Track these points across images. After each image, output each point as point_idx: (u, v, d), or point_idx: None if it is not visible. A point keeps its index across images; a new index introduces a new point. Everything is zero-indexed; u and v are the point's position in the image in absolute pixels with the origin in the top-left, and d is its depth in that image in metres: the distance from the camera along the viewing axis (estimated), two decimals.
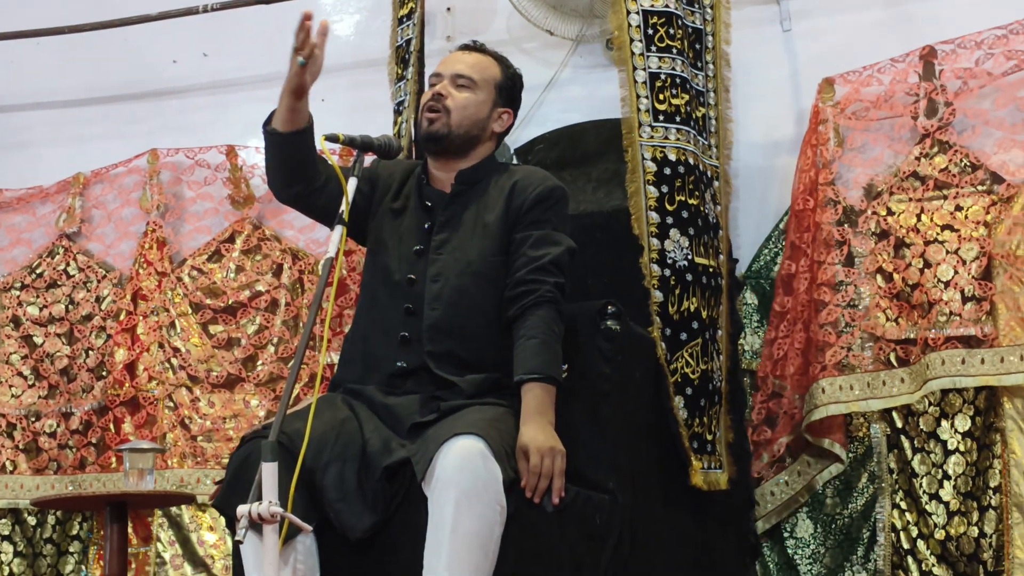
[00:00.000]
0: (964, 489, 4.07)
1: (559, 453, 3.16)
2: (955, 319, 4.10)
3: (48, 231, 5.44)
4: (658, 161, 3.83)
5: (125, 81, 5.59)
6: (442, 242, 3.49)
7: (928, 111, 4.32)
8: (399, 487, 3.18)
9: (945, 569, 4.07)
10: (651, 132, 3.87)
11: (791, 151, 4.58)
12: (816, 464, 4.28)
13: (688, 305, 3.80)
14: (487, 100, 3.59)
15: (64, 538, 5.18)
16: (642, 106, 3.88)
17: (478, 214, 3.50)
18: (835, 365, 4.23)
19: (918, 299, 4.17)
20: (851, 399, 4.20)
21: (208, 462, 5.01)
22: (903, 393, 4.17)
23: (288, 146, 3.49)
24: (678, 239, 3.81)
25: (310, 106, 3.45)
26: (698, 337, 3.80)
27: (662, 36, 3.91)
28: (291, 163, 3.53)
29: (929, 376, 4.08)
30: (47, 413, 5.22)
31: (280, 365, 5.05)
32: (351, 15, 5.44)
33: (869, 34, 4.59)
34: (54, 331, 5.30)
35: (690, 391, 3.76)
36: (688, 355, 3.78)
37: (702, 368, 3.81)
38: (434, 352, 3.39)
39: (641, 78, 3.89)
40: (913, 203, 4.27)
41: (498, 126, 3.62)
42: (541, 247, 3.42)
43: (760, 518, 4.30)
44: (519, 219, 3.47)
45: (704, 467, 3.79)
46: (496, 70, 3.64)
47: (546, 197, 3.50)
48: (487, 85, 3.60)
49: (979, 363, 4.06)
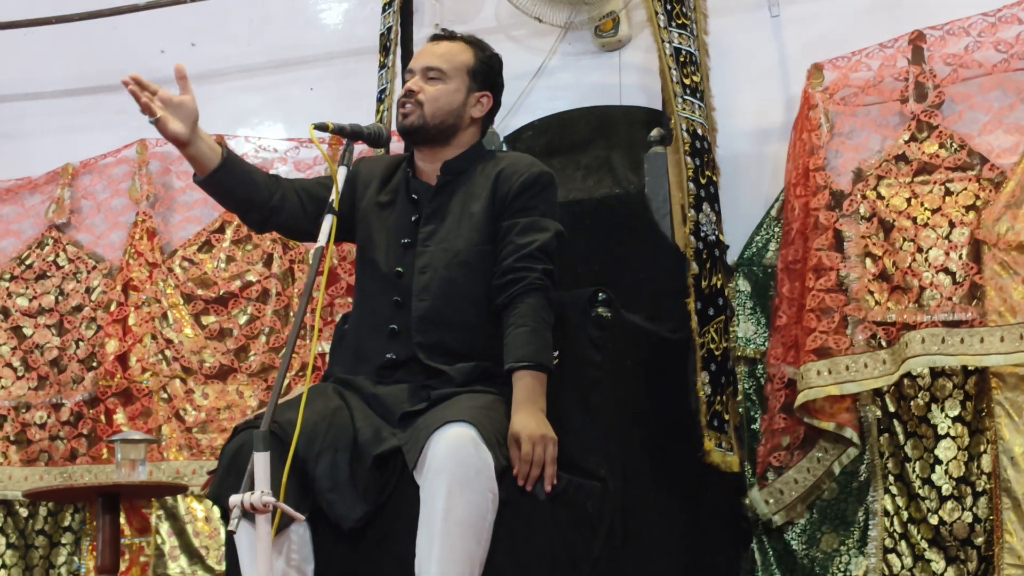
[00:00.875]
0: (957, 474, 4.07)
1: (551, 441, 3.16)
2: (946, 303, 4.10)
3: (37, 222, 5.43)
4: (691, 134, 3.83)
5: (114, 71, 5.55)
6: (429, 233, 3.49)
7: (917, 95, 4.32)
8: (391, 476, 3.19)
9: (937, 553, 4.08)
10: (683, 104, 3.87)
11: (781, 138, 4.58)
12: (833, 449, 4.25)
13: (716, 281, 3.81)
14: (460, 87, 3.57)
15: (56, 529, 5.18)
16: (674, 78, 3.87)
17: (464, 203, 3.50)
18: (816, 349, 4.22)
19: (908, 283, 4.18)
20: (827, 383, 4.19)
21: (203, 453, 5.01)
22: (884, 374, 4.16)
23: (215, 186, 3.49)
24: (708, 212, 3.81)
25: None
26: (722, 314, 3.80)
27: (678, 12, 3.91)
28: (232, 198, 3.56)
29: (908, 354, 4.07)
30: (37, 404, 5.21)
31: (272, 355, 5.05)
32: (339, 3, 5.43)
33: (858, 19, 4.60)
34: (44, 322, 5.29)
35: (714, 367, 3.76)
36: (714, 331, 3.78)
37: (724, 345, 3.81)
38: (423, 343, 3.39)
39: (668, 51, 3.89)
40: (903, 187, 4.27)
41: (477, 111, 3.60)
42: (528, 234, 3.41)
43: (784, 507, 4.27)
44: (505, 207, 3.46)
45: (720, 446, 3.80)
46: (468, 55, 3.61)
47: (532, 184, 3.49)
48: (458, 73, 3.57)
49: (959, 343, 4.05)
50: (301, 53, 5.34)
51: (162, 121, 3.31)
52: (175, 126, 3.33)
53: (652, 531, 3.63)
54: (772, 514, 4.28)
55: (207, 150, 3.43)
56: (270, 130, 5.37)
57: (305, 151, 5.19)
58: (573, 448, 3.29)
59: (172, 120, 3.32)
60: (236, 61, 5.45)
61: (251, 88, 5.46)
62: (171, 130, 3.33)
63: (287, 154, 5.23)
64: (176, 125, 3.33)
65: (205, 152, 3.42)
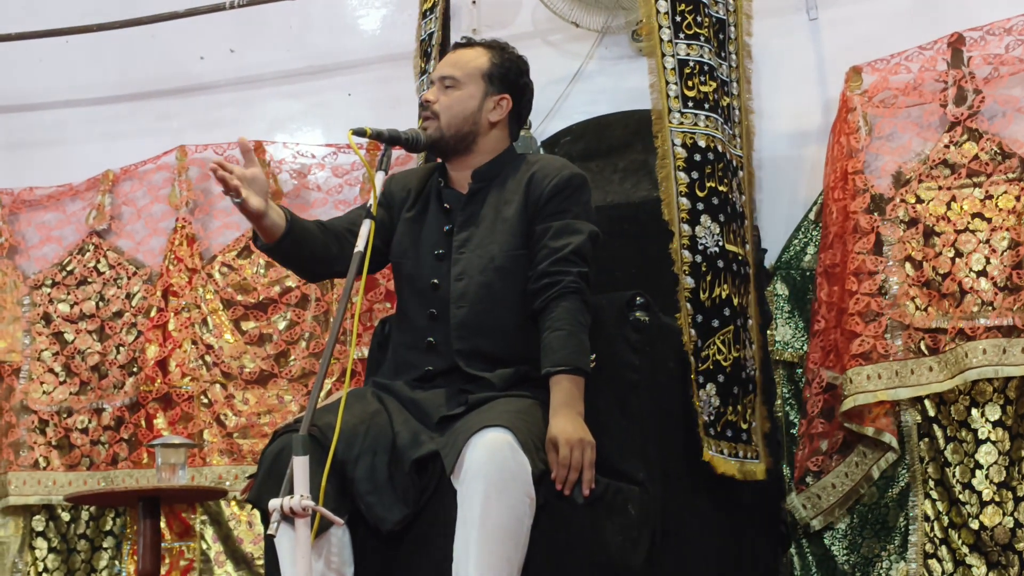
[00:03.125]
0: (998, 479, 4.05)
1: (589, 445, 3.16)
2: (989, 308, 4.07)
3: (78, 228, 5.46)
4: (688, 147, 3.82)
5: (153, 78, 5.62)
6: (464, 241, 3.49)
7: (957, 99, 4.30)
8: (429, 480, 3.19)
9: (979, 558, 4.05)
10: (680, 118, 3.86)
11: (819, 141, 4.57)
12: (872, 454, 4.22)
13: (720, 292, 3.79)
14: (475, 93, 3.56)
15: (98, 534, 5.21)
16: (671, 92, 3.87)
17: (498, 209, 3.50)
18: (862, 354, 4.21)
19: (949, 288, 4.15)
20: (878, 388, 4.18)
21: (244, 458, 5.03)
22: (933, 382, 4.15)
23: (282, 252, 3.51)
24: (709, 225, 3.79)
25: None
26: (730, 324, 3.79)
27: (690, 23, 3.90)
28: (298, 261, 3.58)
29: (968, 365, 4.04)
30: (79, 409, 5.25)
31: (312, 360, 5.07)
32: (377, 9, 5.45)
33: (896, 21, 4.57)
34: (85, 328, 5.33)
35: (722, 378, 3.75)
36: (720, 342, 3.76)
37: (734, 356, 3.79)
38: (463, 350, 3.40)
39: (670, 64, 3.88)
40: (943, 191, 4.25)
41: (495, 115, 3.58)
42: (561, 237, 3.41)
43: (822, 512, 4.25)
44: (538, 211, 3.46)
45: (737, 456, 3.78)
46: (483, 59, 3.60)
47: (564, 187, 3.48)
48: (472, 78, 3.56)
49: (1020, 352, 4.02)
50: (339, 59, 5.36)
51: (246, 200, 3.33)
52: (255, 202, 3.34)
53: (691, 535, 3.62)
54: (810, 519, 4.26)
55: (277, 218, 3.45)
56: (308, 136, 5.39)
57: (343, 156, 5.21)
58: (611, 452, 3.29)
59: (253, 196, 3.35)
60: (275, 67, 5.48)
61: (289, 94, 5.48)
62: (252, 207, 3.35)
63: (325, 160, 5.24)
64: (256, 201, 3.34)
65: (276, 220, 3.44)
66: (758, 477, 3.87)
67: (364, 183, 5.13)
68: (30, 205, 5.53)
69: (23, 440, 5.26)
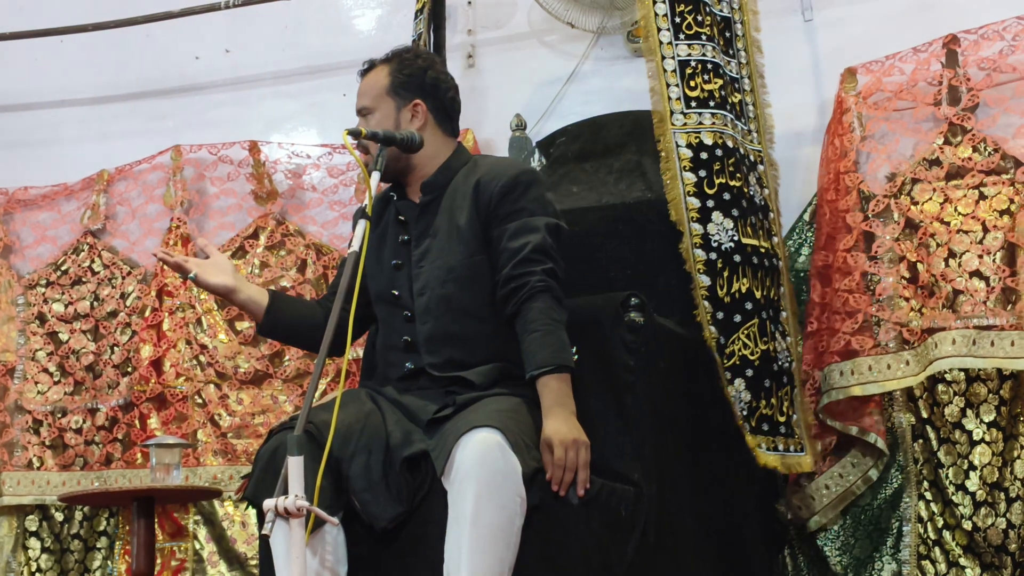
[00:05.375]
0: (991, 480, 4.05)
1: (583, 445, 3.17)
2: (979, 307, 4.08)
3: (73, 228, 5.46)
4: (694, 147, 3.82)
5: (149, 78, 5.62)
6: (422, 254, 3.49)
7: (950, 99, 4.30)
8: (423, 479, 3.20)
9: (972, 560, 4.06)
10: (684, 119, 3.86)
11: (814, 141, 4.58)
12: (867, 456, 4.22)
13: (739, 286, 3.78)
14: (387, 112, 3.53)
15: (91, 534, 5.21)
16: (672, 94, 3.86)
17: (451, 218, 3.48)
18: (839, 351, 4.21)
19: (940, 287, 4.16)
20: (850, 383, 4.18)
21: (239, 458, 5.03)
22: (906, 376, 4.14)
23: (274, 330, 3.66)
24: (721, 221, 3.79)
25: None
26: (754, 317, 3.78)
27: (690, 23, 3.90)
28: (294, 335, 3.71)
29: (937, 355, 4.05)
30: (73, 409, 5.25)
31: (307, 361, 5.07)
32: (372, 10, 5.45)
33: (891, 23, 4.58)
34: (79, 328, 5.32)
35: (751, 372, 3.74)
36: (745, 336, 3.76)
37: (762, 348, 3.79)
38: (434, 363, 3.42)
39: (671, 66, 3.88)
40: (936, 191, 4.26)
41: (416, 123, 3.54)
42: (519, 237, 3.39)
43: (816, 512, 4.25)
44: (491, 216, 3.44)
45: (778, 449, 3.78)
46: (382, 76, 3.57)
47: (512, 187, 3.45)
48: (379, 100, 3.55)
49: (989, 345, 4.03)
50: (334, 59, 5.36)
51: (200, 276, 3.47)
52: (216, 278, 3.49)
53: (686, 535, 3.62)
54: (806, 519, 4.26)
55: (255, 293, 3.59)
56: (304, 136, 5.40)
57: (338, 157, 5.21)
58: (606, 452, 3.29)
59: (212, 273, 3.48)
60: (270, 67, 5.48)
61: (285, 94, 5.48)
62: (214, 282, 3.50)
63: (320, 160, 5.24)
64: (217, 276, 3.49)
65: (253, 297, 3.58)
66: (804, 469, 3.90)
67: (359, 183, 5.14)
68: (25, 205, 5.52)
69: (17, 440, 5.25)
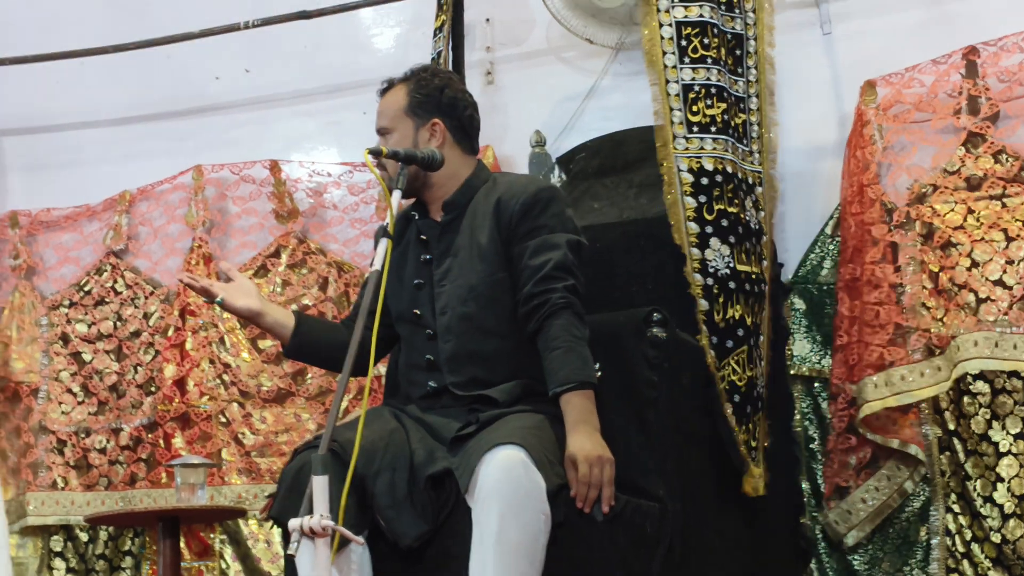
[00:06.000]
0: (1019, 492, 4.03)
1: (608, 461, 3.16)
2: (1003, 316, 4.07)
3: (95, 249, 5.48)
4: (695, 172, 3.83)
5: (169, 99, 5.64)
6: (444, 273, 3.50)
7: (970, 109, 4.30)
8: (448, 497, 3.20)
9: (1001, 572, 4.04)
10: (686, 144, 3.87)
11: (835, 155, 4.57)
12: (903, 468, 4.21)
13: (733, 313, 3.79)
14: (406, 133, 3.53)
15: (116, 554, 5.22)
16: (675, 119, 3.87)
17: (472, 237, 3.49)
18: (871, 364, 4.20)
19: (964, 297, 4.15)
20: (885, 396, 4.16)
21: (263, 477, 5.03)
22: (940, 381, 4.13)
23: (300, 352, 3.67)
24: (719, 248, 3.80)
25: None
26: (744, 344, 3.79)
27: (696, 47, 3.90)
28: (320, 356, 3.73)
29: (960, 358, 4.03)
30: (97, 429, 5.26)
31: (329, 378, 5.07)
32: (391, 28, 5.46)
33: (910, 36, 4.57)
34: (103, 348, 5.34)
35: (738, 398, 3.76)
36: (735, 362, 3.77)
37: (748, 375, 3.80)
38: (456, 382, 3.42)
39: (674, 90, 3.89)
40: (958, 202, 4.25)
41: (435, 141, 3.53)
42: (540, 255, 3.39)
43: (854, 527, 4.23)
44: (512, 234, 3.44)
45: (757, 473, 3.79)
46: (400, 96, 3.56)
47: (532, 204, 3.45)
48: (398, 120, 3.54)
49: (1012, 348, 4.02)
50: (354, 78, 5.36)
51: (227, 300, 3.48)
52: (242, 301, 3.51)
53: (711, 551, 3.61)
54: (844, 535, 4.24)
55: (281, 316, 3.60)
56: (324, 155, 5.41)
57: (359, 175, 5.22)
58: (631, 469, 3.28)
59: (237, 297, 3.50)
60: (289, 87, 5.49)
61: (304, 113, 5.50)
62: (240, 306, 3.51)
63: (341, 178, 5.26)
64: (243, 300, 3.50)
65: (280, 319, 3.59)
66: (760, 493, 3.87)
67: (380, 201, 5.14)
68: (48, 226, 5.55)
69: (41, 460, 5.27)
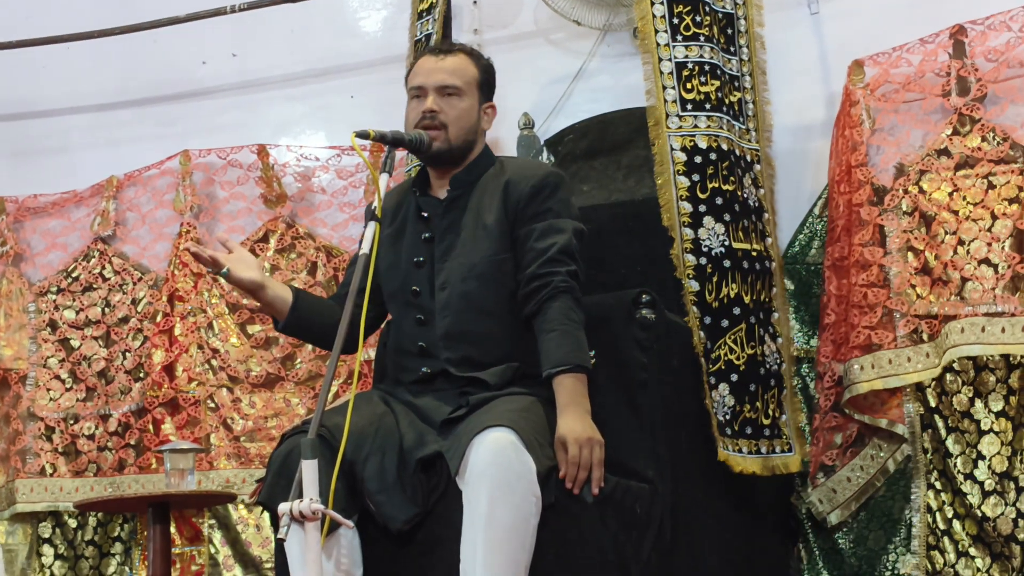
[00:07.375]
0: (1000, 469, 4.04)
1: (597, 443, 3.17)
2: (988, 294, 4.07)
3: (83, 235, 5.46)
4: (688, 150, 3.82)
5: (156, 83, 5.62)
6: (446, 250, 3.50)
7: (959, 89, 4.30)
8: (438, 480, 3.20)
9: (981, 549, 4.05)
10: (679, 122, 3.86)
11: (823, 135, 4.57)
12: (887, 447, 4.22)
13: (728, 291, 3.79)
14: (474, 103, 3.55)
15: (106, 540, 5.22)
16: (668, 97, 3.87)
17: (478, 216, 3.50)
18: (859, 345, 4.21)
19: (949, 276, 4.15)
20: (871, 377, 4.17)
21: (252, 462, 5.03)
22: (926, 368, 4.14)
23: (297, 329, 3.63)
24: (713, 226, 3.80)
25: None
26: (741, 322, 3.79)
27: (688, 24, 3.90)
28: (313, 333, 3.67)
29: (948, 345, 4.04)
30: (85, 415, 5.25)
31: (319, 363, 5.07)
32: (378, 11, 5.45)
33: (897, 15, 4.57)
34: (91, 334, 5.33)
35: (736, 377, 3.75)
36: (731, 342, 3.77)
37: (748, 353, 3.79)
38: (452, 359, 3.42)
39: (667, 68, 3.88)
40: (945, 181, 4.25)
41: (487, 123, 3.61)
42: (546, 238, 3.41)
43: (838, 506, 4.23)
44: (519, 216, 3.45)
45: (760, 452, 3.78)
46: (474, 68, 3.58)
47: (541, 188, 3.47)
48: (471, 88, 3.55)
49: (999, 332, 4.02)
50: (341, 62, 5.36)
51: (233, 272, 3.43)
52: (247, 273, 3.45)
53: (701, 532, 3.62)
54: (827, 513, 4.25)
55: (281, 291, 3.56)
56: (312, 139, 5.40)
57: (347, 159, 5.21)
58: (620, 450, 3.29)
59: (242, 269, 3.45)
60: (277, 71, 5.48)
61: (292, 97, 5.49)
62: (246, 278, 3.45)
63: (329, 162, 5.25)
64: (247, 272, 3.45)
65: (279, 294, 3.55)
66: (792, 469, 3.90)
67: (368, 185, 5.14)
68: (35, 212, 5.53)
69: (30, 447, 5.26)
